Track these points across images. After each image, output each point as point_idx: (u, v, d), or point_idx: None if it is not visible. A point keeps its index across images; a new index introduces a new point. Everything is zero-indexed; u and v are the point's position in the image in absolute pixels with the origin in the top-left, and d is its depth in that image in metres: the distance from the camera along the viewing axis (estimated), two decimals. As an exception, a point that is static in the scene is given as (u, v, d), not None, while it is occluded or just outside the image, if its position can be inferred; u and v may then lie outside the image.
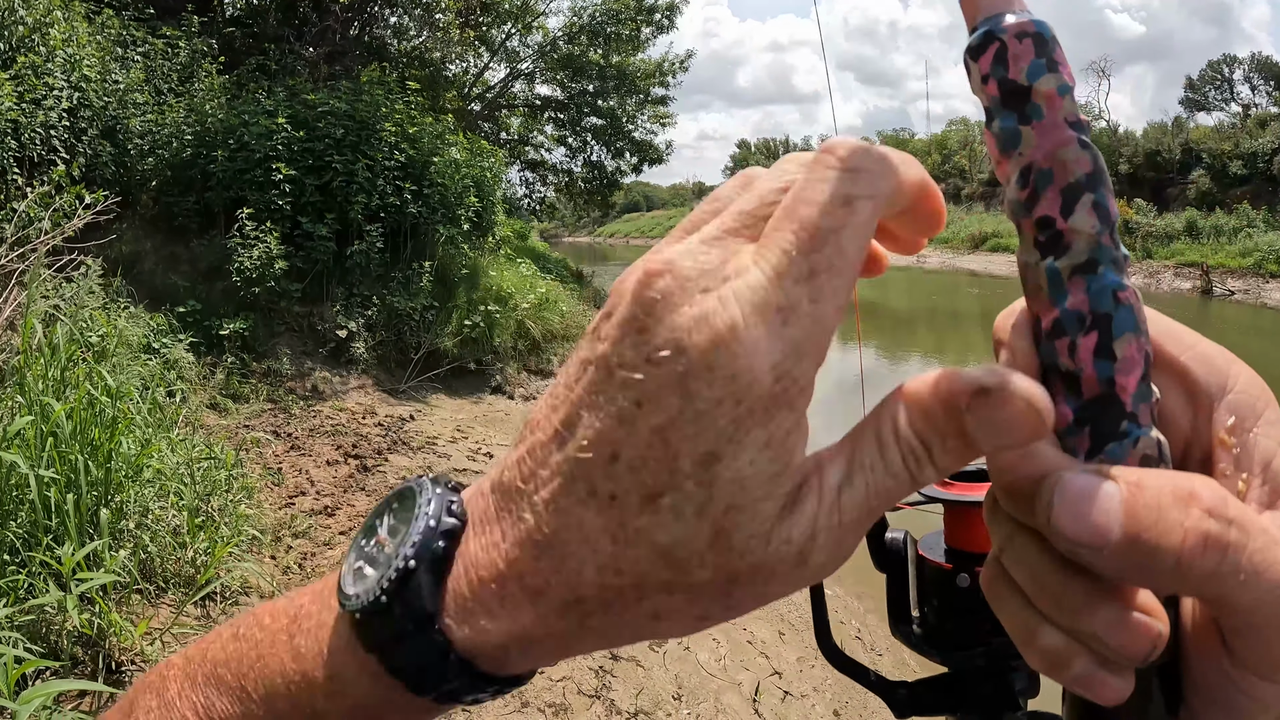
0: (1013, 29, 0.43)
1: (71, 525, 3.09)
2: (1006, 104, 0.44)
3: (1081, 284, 0.41)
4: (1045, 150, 0.42)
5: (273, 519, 5.26)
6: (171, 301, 9.77)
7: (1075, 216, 0.41)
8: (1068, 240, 0.42)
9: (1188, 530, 0.34)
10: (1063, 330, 0.41)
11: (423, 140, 12.39)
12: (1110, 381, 0.40)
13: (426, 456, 8.10)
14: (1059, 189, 0.42)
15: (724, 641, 5.18)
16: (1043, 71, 0.43)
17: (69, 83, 9.39)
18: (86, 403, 3.44)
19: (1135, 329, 0.41)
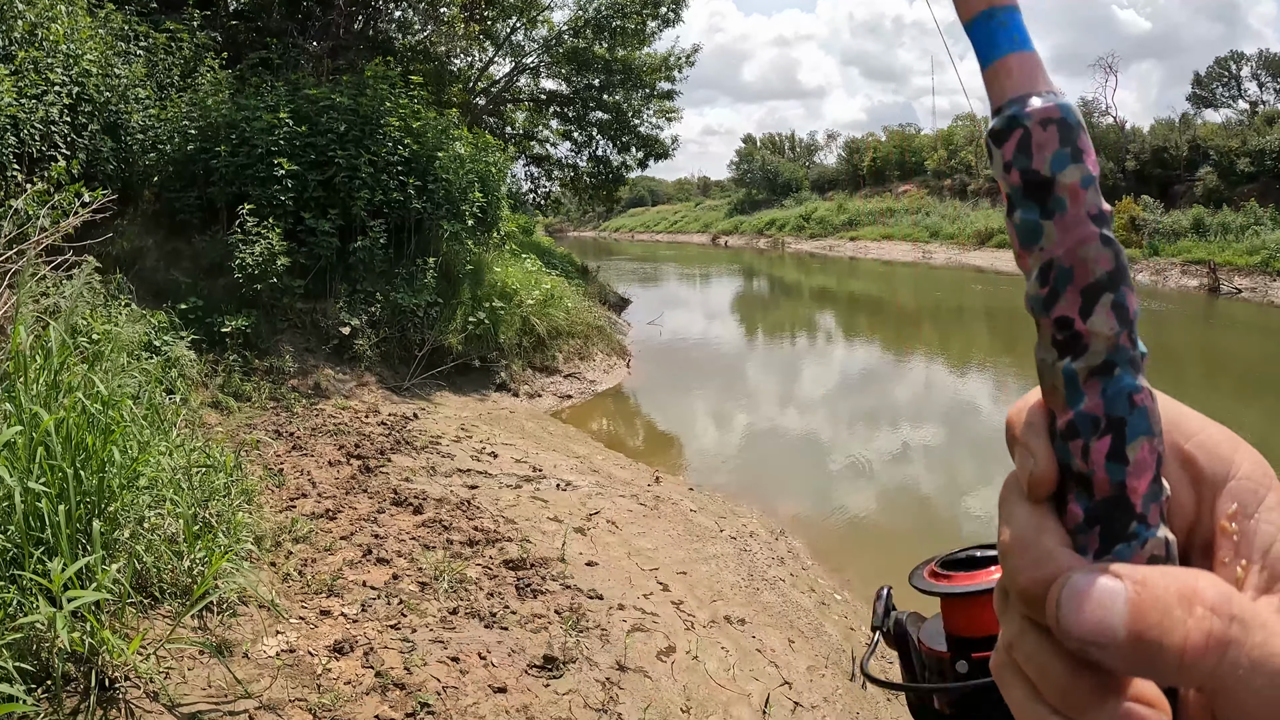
0: (1038, 115, 0.42)
1: (63, 538, 2.99)
2: (1029, 195, 0.43)
3: (1098, 387, 0.41)
4: (1067, 247, 0.42)
5: (273, 523, 5.15)
6: (173, 298, 9.68)
7: (1094, 318, 0.41)
8: (1086, 341, 0.42)
9: (1190, 629, 0.36)
10: (1076, 433, 0.42)
11: (427, 135, 12.28)
12: (1121, 485, 0.41)
13: (430, 456, 8.00)
14: (1079, 288, 0.42)
15: (733, 650, 5.08)
16: (1067, 163, 0.42)
17: (70, 77, 9.29)
18: (78, 410, 3.34)
19: (1149, 431, 0.41)
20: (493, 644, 4.20)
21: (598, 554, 5.99)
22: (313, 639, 3.91)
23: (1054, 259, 0.42)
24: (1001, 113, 0.44)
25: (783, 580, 6.57)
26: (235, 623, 3.77)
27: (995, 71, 0.45)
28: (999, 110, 0.44)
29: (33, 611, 2.83)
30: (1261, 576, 0.40)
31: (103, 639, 2.94)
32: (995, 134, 0.44)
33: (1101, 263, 0.42)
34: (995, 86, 0.44)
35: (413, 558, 5.15)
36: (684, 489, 8.66)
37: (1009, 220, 0.44)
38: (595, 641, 4.56)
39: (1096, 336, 0.41)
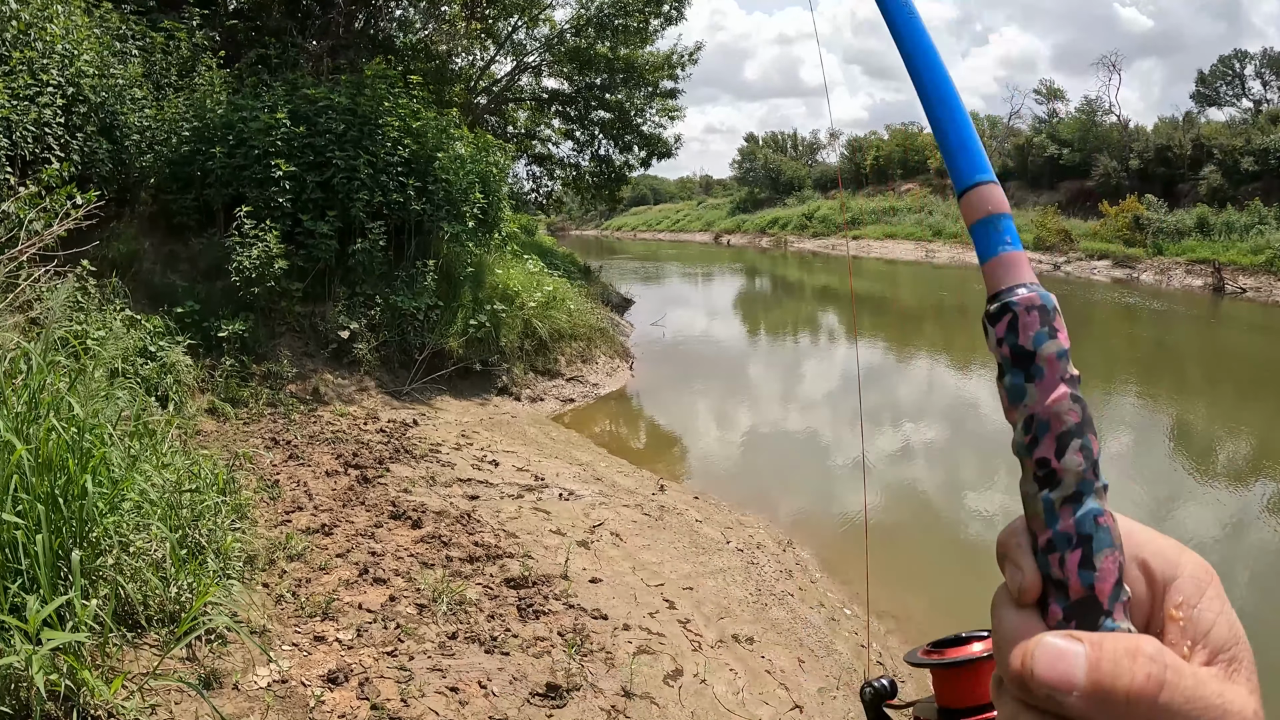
0: (1024, 303, 0.57)
1: (41, 571, 2.83)
2: (1016, 364, 0.57)
3: (1070, 511, 0.54)
4: (1045, 405, 0.55)
5: (266, 540, 5.00)
6: (170, 302, 9.53)
7: (1066, 458, 0.55)
8: (1059, 477, 0.55)
9: (1135, 673, 0.47)
10: (1055, 548, 0.54)
11: (427, 135, 12.11)
12: (1091, 587, 0.53)
13: (430, 465, 7.85)
14: (1054, 436, 0.55)
15: (742, 672, 4.92)
16: (1045, 339, 0.56)
17: (65, 78, 9.13)
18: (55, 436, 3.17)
19: (1111, 545, 0.54)
20: (493, 671, 4.04)
21: (601, 569, 5.83)
22: (306, 667, 3.75)
23: (1035, 414, 0.56)
24: (996, 299, 0.58)
25: (791, 595, 6.41)
26: (225, 651, 3.61)
27: (993, 266, 0.59)
28: (994, 297, 0.58)
29: (9, 652, 2.67)
30: (1203, 653, 0.53)
31: (83, 679, 2.79)
32: (990, 316, 0.58)
33: (1071, 416, 0.55)
34: (992, 277, 0.58)
35: (411, 577, 4.99)
36: (689, 497, 8.50)
37: (1000, 383, 0.58)
38: (600, 666, 4.40)
39: (1068, 473, 0.55)
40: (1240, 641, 0.54)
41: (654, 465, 9.98)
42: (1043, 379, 0.56)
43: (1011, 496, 9.61)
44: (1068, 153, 47.65)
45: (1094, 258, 37.57)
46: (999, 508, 9.28)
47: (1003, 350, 0.58)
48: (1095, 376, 17.12)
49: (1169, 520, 9.13)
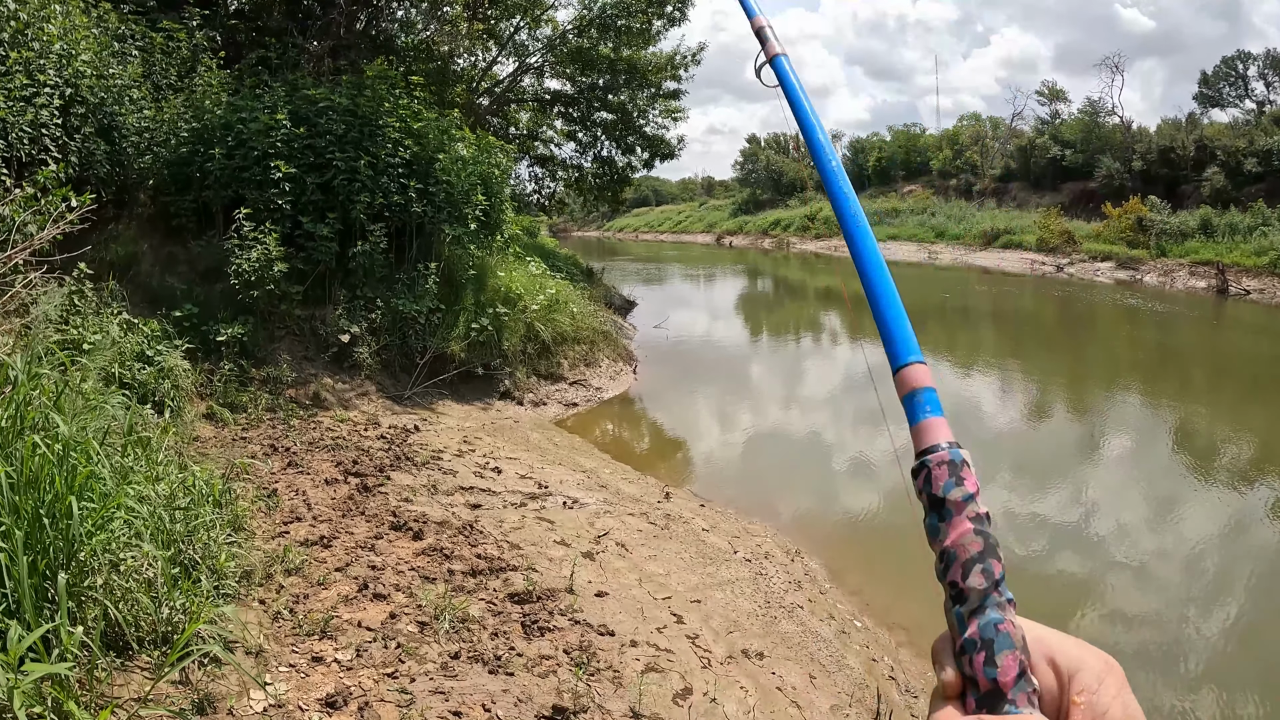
0: (935, 460, 0.79)
1: (25, 595, 2.70)
2: (932, 507, 0.77)
3: (975, 622, 0.71)
4: (953, 539, 0.75)
5: (263, 553, 4.86)
6: (168, 305, 9.40)
7: (970, 579, 0.73)
8: (966, 594, 0.72)
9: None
10: (965, 650, 0.71)
11: (428, 137, 11.97)
12: (995, 680, 0.69)
13: (431, 473, 7.71)
14: (961, 563, 0.74)
15: (752, 690, 4.78)
16: (953, 486, 0.77)
17: (63, 78, 9.00)
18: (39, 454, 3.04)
19: (1012, 647, 0.70)
20: (498, 693, 3.90)
21: (607, 582, 5.69)
22: (304, 690, 3.61)
23: (946, 547, 0.75)
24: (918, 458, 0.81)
25: (801, 607, 6.27)
26: (220, 674, 3.47)
27: (917, 431, 0.84)
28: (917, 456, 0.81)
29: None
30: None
31: (68, 710, 2.65)
32: (913, 471, 0.81)
33: (974, 546, 0.74)
34: (916, 440, 0.82)
35: (412, 592, 4.85)
36: (695, 505, 8.36)
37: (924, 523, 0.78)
38: (607, 685, 4.26)
39: (973, 591, 0.73)
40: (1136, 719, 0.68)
41: (659, 471, 9.84)
42: (951, 519, 0.76)
43: (1015, 496, 9.50)
44: (1070, 154, 47.55)
45: (1097, 259, 37.41)
46: (1002, 510, 9.13)
47: (922, 498, 0.79)
48: (1098, 379, 16.99)
49: (1171, 520, 9.01)
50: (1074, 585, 7.55)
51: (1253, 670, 6.09)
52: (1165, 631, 6.71)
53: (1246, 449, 12.09)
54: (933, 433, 0.81)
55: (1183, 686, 5.87)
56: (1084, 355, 20.01)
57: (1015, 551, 8.10)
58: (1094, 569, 7.82)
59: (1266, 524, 8.84)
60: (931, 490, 0.77)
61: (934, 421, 0.82)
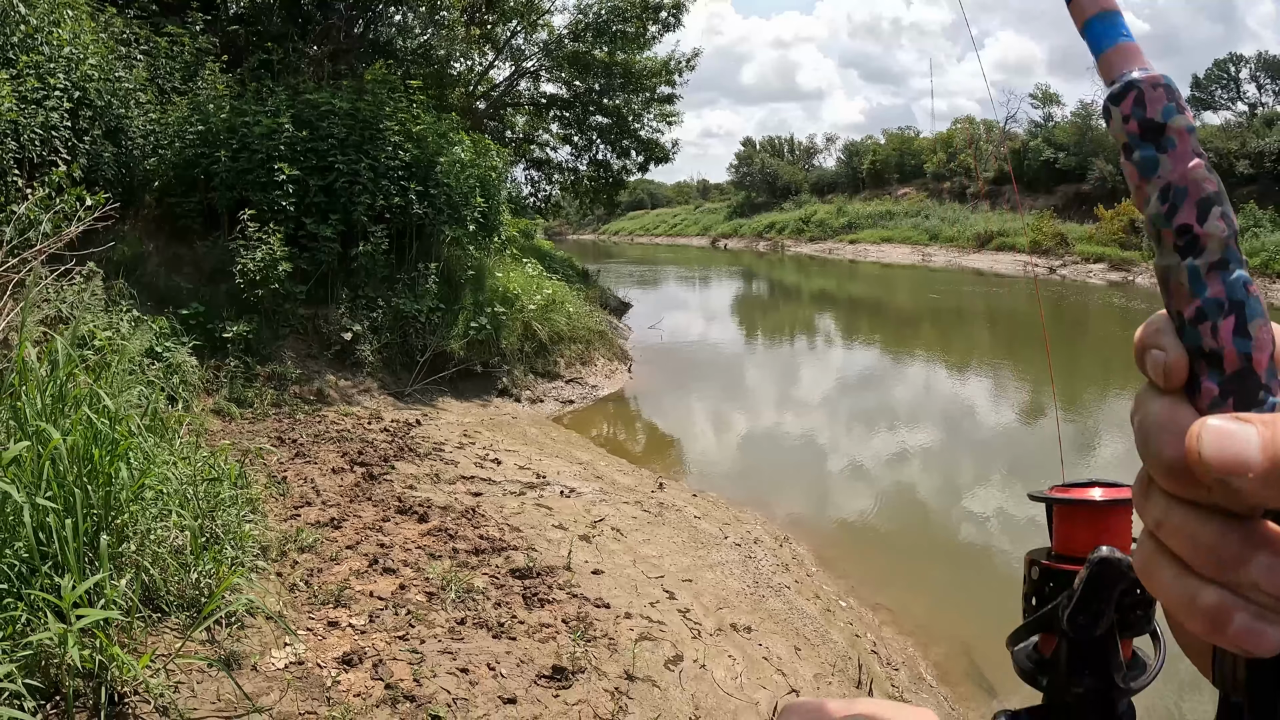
0: (1148, 81, 0.54)
1: (70, 554, 2.96)
2: (1145, 138, 0.53)
3: (1218, 278, 0.50)
4: (1180, 172, 0.52)
5: (278, 532, 5.13)
6: (175, 304, 9.66)
7: (1209, 223, 0.51)
8: (1203, 243, 0.50)
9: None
10: (1205, 316, 0.49)
11: (427, 140, 12.26)
12: (1248, 357, 0.48)
13: (433, 463, 7.98)
14: (1194, 201, 0.51)
15: (740, 658, 5.05)
16: (1175, 112, 0.53)
17: (71, 82, 9.27)
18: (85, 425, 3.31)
19: (1263, 315, 0.49)
20: (501, 655, 4.18)
21: (603, 562, 5.97)
22: (321, 651, 3.89)
23: (1170, 183, 0.52)
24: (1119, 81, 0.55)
25: (788, 587, 6.54)
26: (243, 635, 3.75)
27: (1110, 56, 0.57)
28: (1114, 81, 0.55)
29: (41, 629, 2.80)
30: None
31: (112, 655, 2.92)
32: (1114, 96, 0.55)
33: (1209, 184, 0.52)
34: (1111, 66, 0.56)
35: (419, 567, 5.13)
36: (687, 495, 8.64)
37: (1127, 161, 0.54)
38: (603, 651, 4.54)
39: (1212, 238, 0.51)
40: None
41: (653, 465, 10.12)
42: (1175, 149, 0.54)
43: (1007, 496, 9.77)
44: (1064, 157, 47.89)
45: (1090, 261, 37.76)
46: (993, 508, 9.42)
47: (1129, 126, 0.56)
48: (1091, 379, 17.26)
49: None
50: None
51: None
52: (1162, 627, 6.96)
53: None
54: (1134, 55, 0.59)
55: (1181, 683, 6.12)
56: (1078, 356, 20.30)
57: (1007, 550, 8.38)
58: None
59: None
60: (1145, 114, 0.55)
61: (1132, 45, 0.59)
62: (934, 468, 11.04)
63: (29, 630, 2.84)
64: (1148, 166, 0.54)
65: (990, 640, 6.28)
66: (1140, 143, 0.55)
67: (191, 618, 3.59)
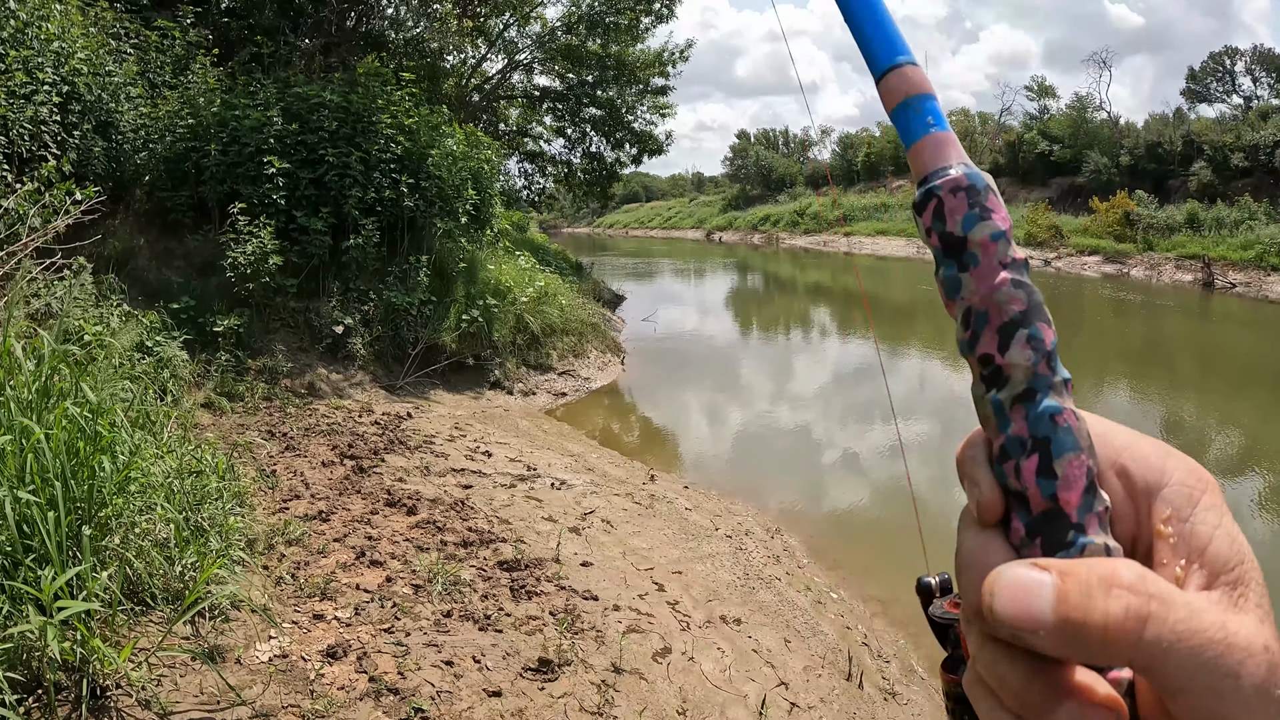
0: (948, 185, 0.51)
1: (53, 546, 2.96)
2: (948, 253, 0.51)
3: (1022, 412, 0.48)
4: (982, 294, 0.49)
5: (265, 525, 5.12)
6: (165, 298, 9.63)
7: (1011, 351, 0.49)
8: (1006, 373, 0.48)
9: (1110, 606, 0.40)
10: (1008, 455, 0.48)
11: (419, 132, 12.22)
12: (1054, 498, 0.46)
13: (424, 456, 7.97)
14: (995, 328, 0.49)
15: (729, 650, 5.06)
16: (976, 221, 0.50)
17: (60, 76, 9.23)
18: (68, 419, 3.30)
19: (1075, 448, 0.47)
20: (487, 647, 4.18)
21: (592, 554, 5.97)
22: (305, 644, 3.89)
23: (972, 305, 0.50)
24: (921, 186, 0.52)
25: (778, 579, 6.55)
26: (228, 628, 3.74)
27: (915, 152, 0.53)
28: (921, 183, 0.52)
29: (23, 621, 2.80)
30: (1201, 574, 0.45)
31: (94, 647, 2.91)
32: (916, 205, 0.52)
33: (1014, 304, 0.49)
34: (916, 164, 0.53)
35: (406, 560, 5.13)
36: (679, 487, 8.64)
37: (936, 277, 0.52)
38: (590, 643, 4.54)
39: (1016, 368, 0.48)
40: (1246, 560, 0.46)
41: (644, 457, 10.12)
42: (977, 266, 0.50)
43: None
44: (1059, 149, 47.93)
45: (1085, 253, 37.81)
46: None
47: (932, 240, 0.53)
48: (1087, 371, 17.28)
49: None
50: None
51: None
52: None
53: (1233, 440, 12.40)
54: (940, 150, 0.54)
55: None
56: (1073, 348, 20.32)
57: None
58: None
59: (1254, 515, 9.12)
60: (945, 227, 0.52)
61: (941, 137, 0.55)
62: (927, 458, 11.05)
63: (10, 623, 2.84)
64: (951, 287, 0.51)
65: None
66: (944, 258, 0.51)
67: (175, 610, 3.59)
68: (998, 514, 0.48)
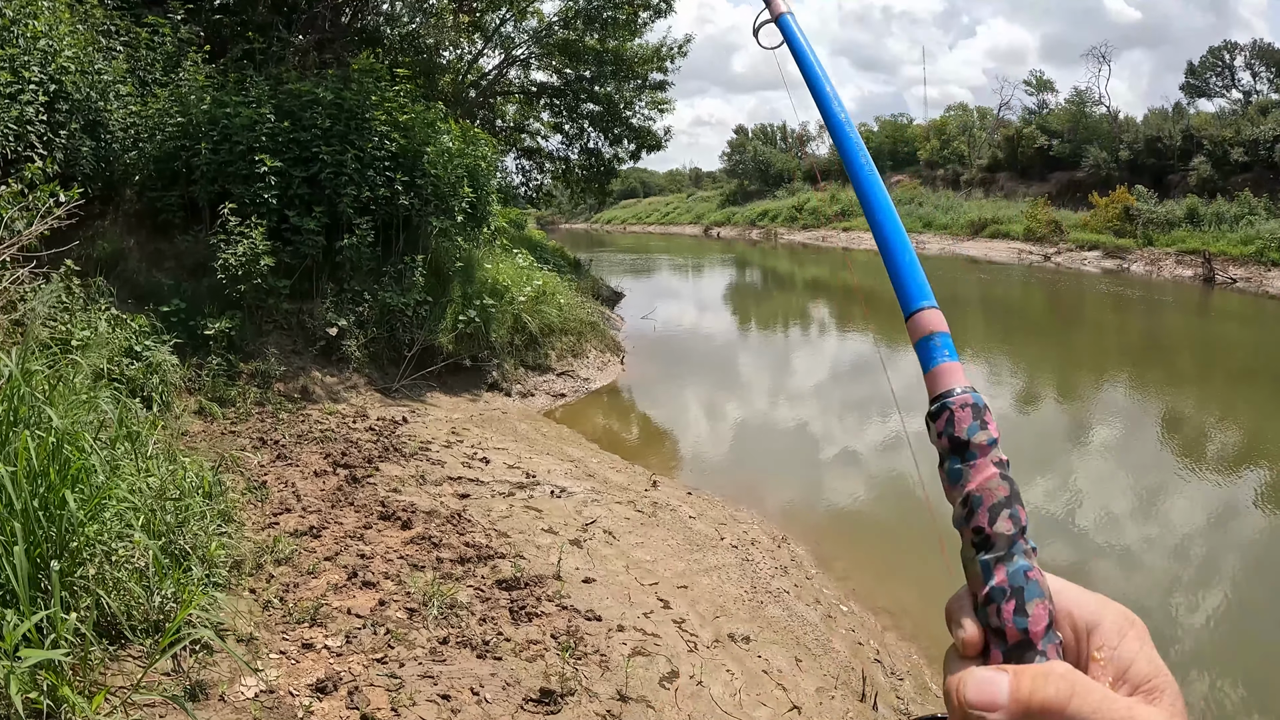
0: (958, 402, 0.76)
1: (19, 585, 2.74)
2: (954, 452, 0.75)
3: (1003, 568, 0.69)
4: (978, 483, 0.73)
5: (253, 543, 4.91)
6: (155, 300, 9.41)
7: (998, 525, 0.71)
8: (993, 541, 0.71)
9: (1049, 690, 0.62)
10: (992, 599, 0.69)
11: (414, 129, 11.98)
12: (1026, 631, 0.67)
13: (419, 464, 7.76)
14: (987, 508, 0.72)
15: (739, 672, 4.85)
16: (978, 430, 0.75)
17: (47, 74, 8.99)
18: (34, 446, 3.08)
19: (1042, 595, 0.68)
20: (486, 677, 3.96)
21: (595, 569, 5.76)
22: (294, 676, 3.67)
23: (970, 491, 0.73)
24: (937, 401, 0.78)
25: (787, 592, 6.35)
26: (211, 661, 3.53)
27: (932, 375, 0.81)
28: (935, 399, 0.79)
29: (-18, 669, 2.59)
30: (1125, 688, 0.65)
31: (63, 696, 2.70)
32: (932, 414, 0.78)
33: (1001, 491, 0.73)
34: (933, 384, 0.80)
35: (400, 580, 4.91)
36: (682, 493, 8.43)
37: (941, 470, 0.77)
38: (594, 669, 4.33)
39: (1000, 537, 0.71)
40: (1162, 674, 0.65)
41: (646, 460, 9.91)
42: (975, 462, 0.74)
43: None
44: (1058, 144, 47.71)
45: (1084, 248, 37.63)
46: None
47: (942, 441, 0.77)
48: (1085, 366, 17.11)
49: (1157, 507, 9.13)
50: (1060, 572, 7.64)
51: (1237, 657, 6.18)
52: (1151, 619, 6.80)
53: (1232, 436, 12.23)
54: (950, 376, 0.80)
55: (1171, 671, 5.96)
56: (1072, 344, 20.14)
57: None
58: (1079, 555, 7.92)
59: (1252, 510, 8.96)
60: (954, 433, 0.75)
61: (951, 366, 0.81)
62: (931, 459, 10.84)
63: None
64: (954, 477, 0.75)
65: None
66: (950, 455, 0.76)
67: (155, 643, 3.38)
68: (978, 648, 0.69)
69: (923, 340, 0.83)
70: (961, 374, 0.80)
